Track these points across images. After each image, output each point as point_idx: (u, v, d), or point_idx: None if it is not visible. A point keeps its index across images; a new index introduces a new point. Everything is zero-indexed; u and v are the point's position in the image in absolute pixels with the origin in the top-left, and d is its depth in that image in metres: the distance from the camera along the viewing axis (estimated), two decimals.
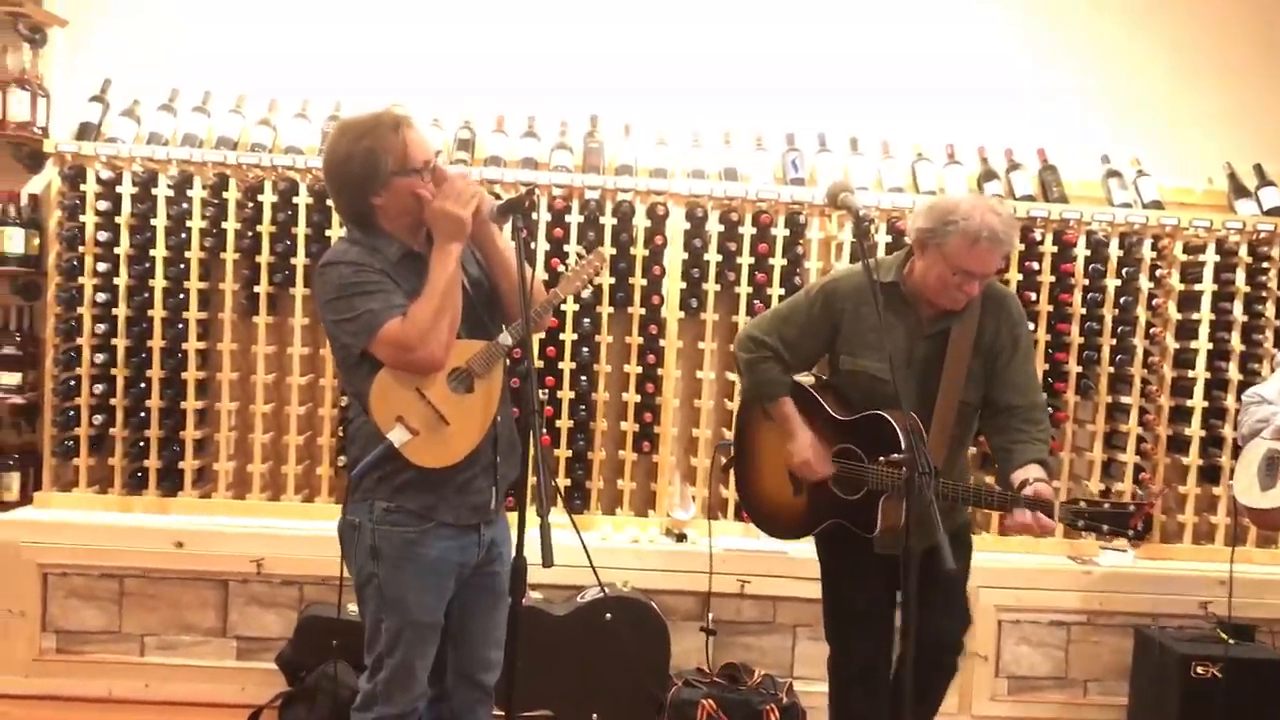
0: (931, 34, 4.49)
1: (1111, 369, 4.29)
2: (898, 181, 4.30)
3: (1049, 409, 4.10)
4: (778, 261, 4.22)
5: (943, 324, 2.97)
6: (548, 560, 2.26)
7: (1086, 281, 4.26)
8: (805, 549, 4.01)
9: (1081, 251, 4.25)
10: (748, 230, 4.22)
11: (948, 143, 4.41)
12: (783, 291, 4.19)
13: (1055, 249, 4.25)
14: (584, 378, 4.21)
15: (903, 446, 2.68)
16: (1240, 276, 4.26)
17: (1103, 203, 4.34)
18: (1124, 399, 4.29)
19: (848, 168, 4.34)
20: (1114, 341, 4.28)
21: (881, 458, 2.84)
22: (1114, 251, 4.26)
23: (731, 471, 3.36)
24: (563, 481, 4.22)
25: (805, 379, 3.15)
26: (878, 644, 3.07)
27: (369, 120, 2.56)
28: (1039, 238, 4.24)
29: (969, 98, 4.47)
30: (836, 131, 4.41)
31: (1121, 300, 4.26)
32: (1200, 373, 4.26)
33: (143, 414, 4.16)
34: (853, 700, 3.15)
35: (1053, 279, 4.25)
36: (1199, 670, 3.78)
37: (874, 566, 2.98)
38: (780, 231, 4.22)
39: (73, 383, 4.15)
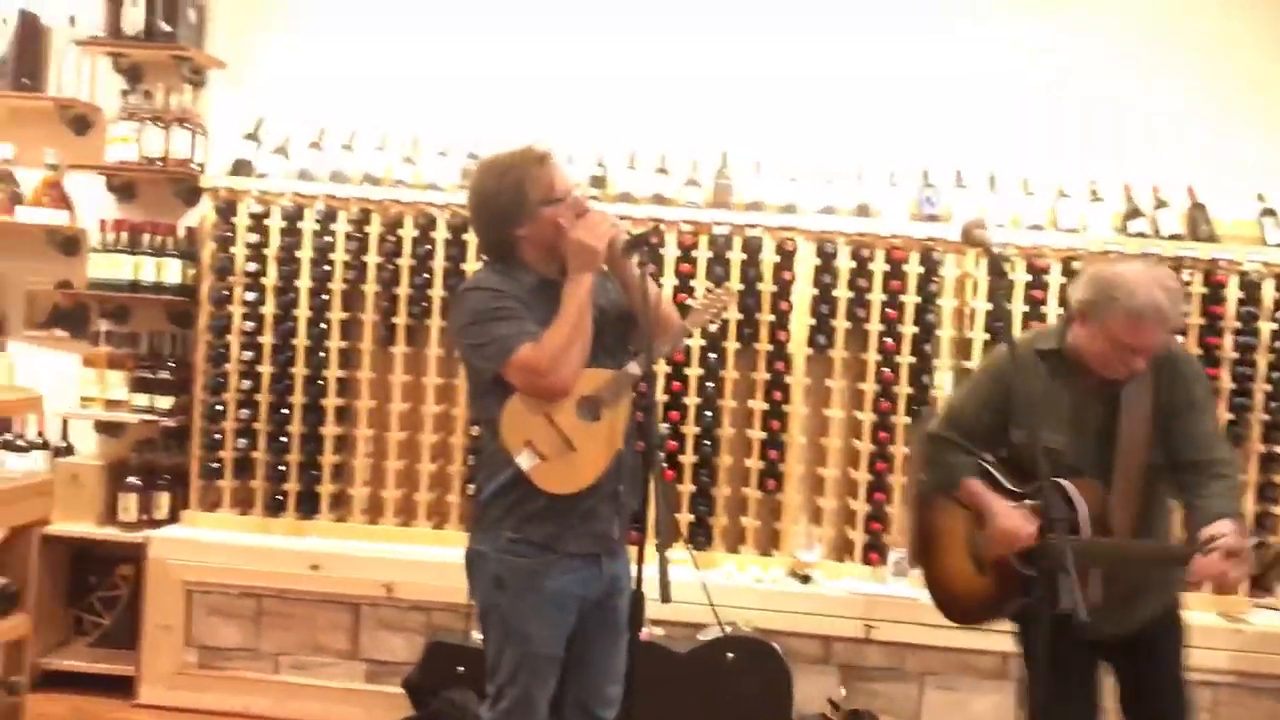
0: (1074, 68, 4.36)
1: (1266, 416, 4.08)
2: (1037, 219, 4.18)
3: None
4: (910, 299, 4.15)
5: (1115, 388, 2.82)
6: (665, 595, 2.26)
7: (1238, 325, 4.06)
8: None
9: (1233, 293, 4.06)
10: (879, 266, 4.16)
11: (1090, 179, 4.27)
12: (916, 330, 4.13)
13: (1205, 290, 4.07)
14: (709, 413, 4.20)
15: (1079, 514, 2.64)
16: None
17: (1257, 242, 4.14)
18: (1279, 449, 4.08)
19: (984, 206, 4.23)
20: (1269, 388, 4.06)
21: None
22: (1269, 293, 4.06)
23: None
24: (686, 517, 4.21)
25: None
26: None
27: (514, 156, 2.66)
28: (1188, 279, 4.06)
29: (1113, 133, 4.34)
30: (973, 168, 4.31)
31: (1277, 344, 4.05)
32: None
33: (284, 439, 4.32)
34: None
35: (1203, 321, 4.07)
36: None
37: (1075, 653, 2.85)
38: (914, 269, 4.15)
39: (220, 407, 4.33)
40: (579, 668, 2.74)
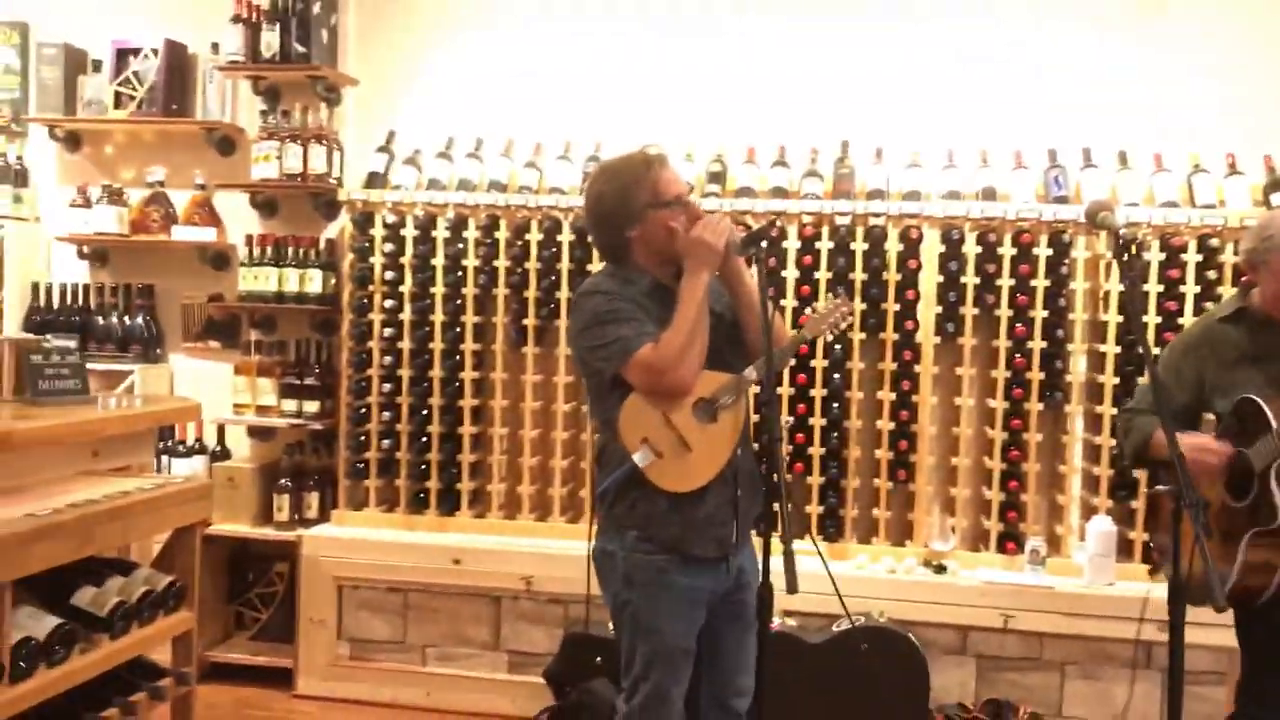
0: (1203, 38, 4.21)
1: None
2: (1171, 195, 4.06)
3: None
4: (1040, 283, 4.08)
5: None
6: (792, 586, 2.30)
7: None
8: (1073, 584, 3.90)
9: None
10: (1007, 251, 4.10)
11: (1228, 151, 4.12)
12: (1046, 314, 4.05)
13: None
14: (836, 405, 4.20)
15: (1266, 409, 2.69)
16: None
17: None
18: None
19: (1116, 184, 4.13)
20: None
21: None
22: None
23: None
24: (815, 509, 4.22)
25: None
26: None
27: (624, 160, 2.74)
28: None
29: (1250, 104, 4.17)
30: (1103, 146, 4.21)
31: None
32: None
33: (425, 439, 4.48)
34: None
35: None
36: None
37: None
38: (1043, 251, 4.08)
39: (364, 410, 4.52)
40: (711, 660, 2.80)
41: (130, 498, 2.63)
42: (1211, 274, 3.98)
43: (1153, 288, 3.97)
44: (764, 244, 2.64)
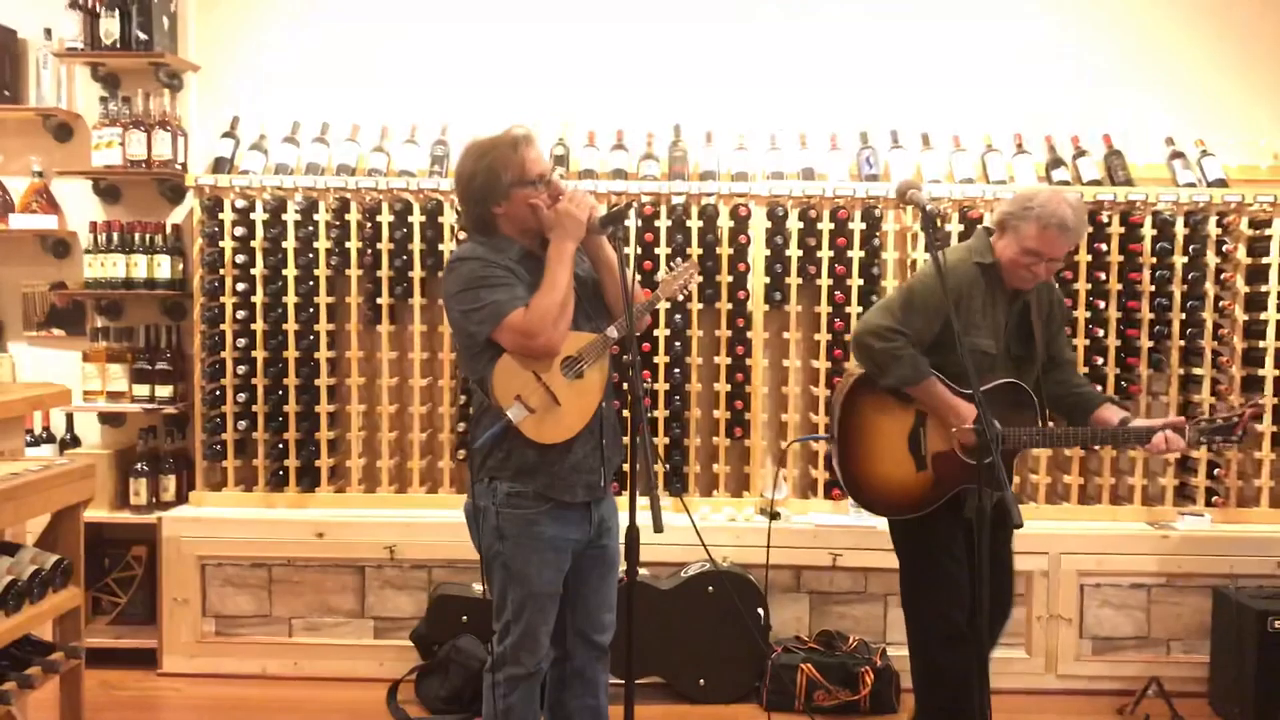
0: (996, 27, 4.72)
1: (1183, 342, 4.48)
2: (968, 173, 4.55)
3: (1122, 383, 4.40)
4: (856, 254, 4.49)
5: (1023, 297, 3.35)
6: (659, 526, 2.58)
7: (1154, 260, 4.46)
8: None
9: (1148, 231, 4.45)
10: (826, 226, 4.50)
11: (1015, 132, 4.64)
12: (862, 282, 4.47)
13: (1123, 230, 4.46)
14: (678, 370, 4.53)
15: (1037, 406, 3.25)
16: None
17: (1168, 184, 4.53)
18: (1196, 370, 4.48)
19: (920, 162, 4.59)
20: (1184, 316, 4.47)
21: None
22: (1180, 230, 4.45)
23: (834, 463, 3.45)
24: (661, 467, 4.55)
25: None
26: (965, 603, 3.36)
27: (492, 140, 2.92)
28: (1106, 220, 4.44)
29: (1035, 88, 4.71)
30: (908, 128, 4.66)
31: (1190, 276, 4.45)
32: (1271, 342, 4.43)
33: (281, 419, 4.60)
34: (948, 657, 3.38)
35: (1121, 258, 4.46)
36: (1276, 625, 3.96)
37: (959, 534, 3.32)
38: (857, 226, 4.49)
39: (218, 393, 4.60)
40: (576, 601, 3.05)
41: (20, 479, 2.72)
42: None
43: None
44: (620, 223, 2.91)
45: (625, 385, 3.00)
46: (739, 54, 4.72)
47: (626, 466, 4.26)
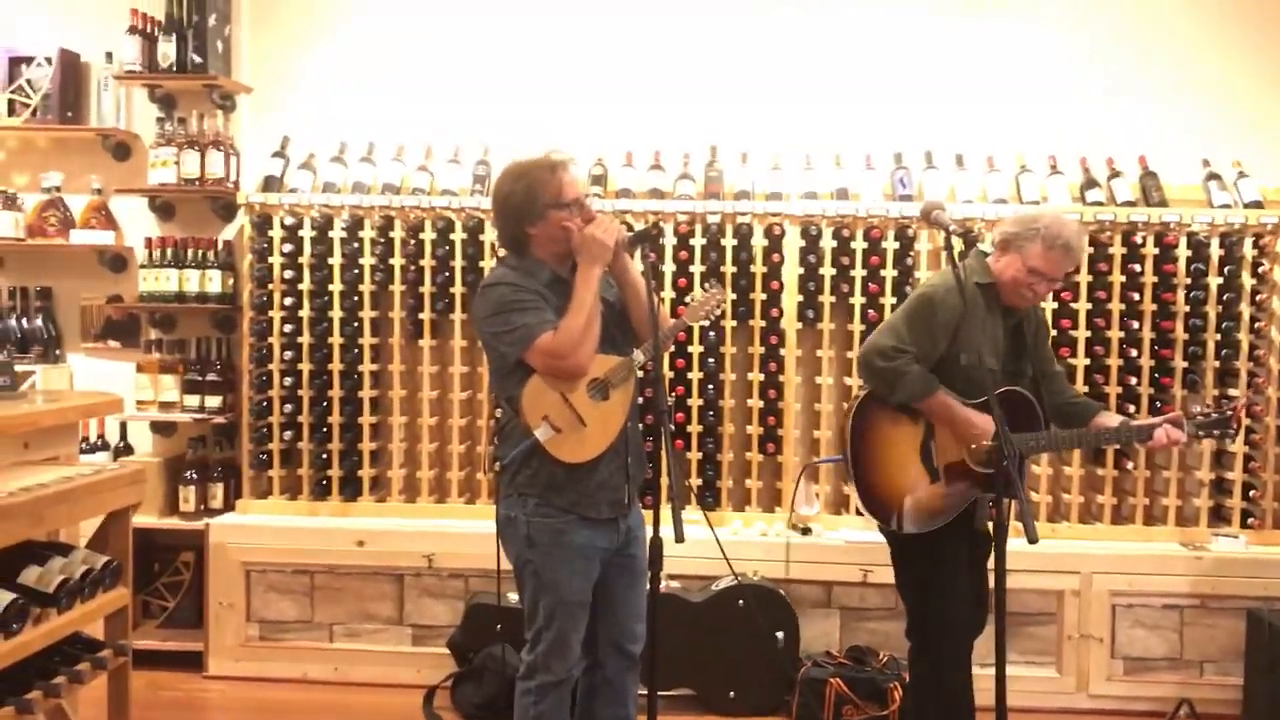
0: (1031, 48, 4.76)
1: (1218, 363, 4.48)
2: (1002, 193, 4.58)
3: (1156, 403, 4.41)
4: (889, 273, 4.55)
5: (1017, 315, 3.42)
6: (680, 536, 2.65)
7: (1189, 281, 4.46)
8: None
9: (1183, 252, 4.46)
10: (860, 245, 4.56)
11: (1049, 154, 4.67)
12: (894, 300, 4.52)
13: (1157, 251, 4.47)
14: (711, 386, 4.61)
15: (1040, 412, 3.31)
16: None
17: (1203, 205, 4.53)
18: (1231, 391, 4.47)
19: (954, 183, 4.64)
20: (1218, 337, 4.47)
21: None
22: (1215, 251, 4.45)
23: (855, 486, 3.50)
24: (694, 481, 4.62)
25: None
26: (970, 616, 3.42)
27: (530, 163, 3.03)
28: (1140, 241, 4.46)
29: (1070, 110, 4.73)
30: (943, 148, 4.71)
31: (1225, 297, 4.45)
32: None
33: (325, 429, 4.73)
34: (956, 679, 3.41)
35: (1155, 279, 4.47)
36: None
37: (965, 549, 3.38)
38: (890, 245, 4.55)
39: (265, 404, 4.74)
40: (606, 610, 3.14)
41: (74, 482, 2.86)
42: None
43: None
44: (648, 243, 3.00)
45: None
46: (775, 76, 4.79)
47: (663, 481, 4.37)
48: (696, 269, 4.57)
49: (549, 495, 2.99)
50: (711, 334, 4.59)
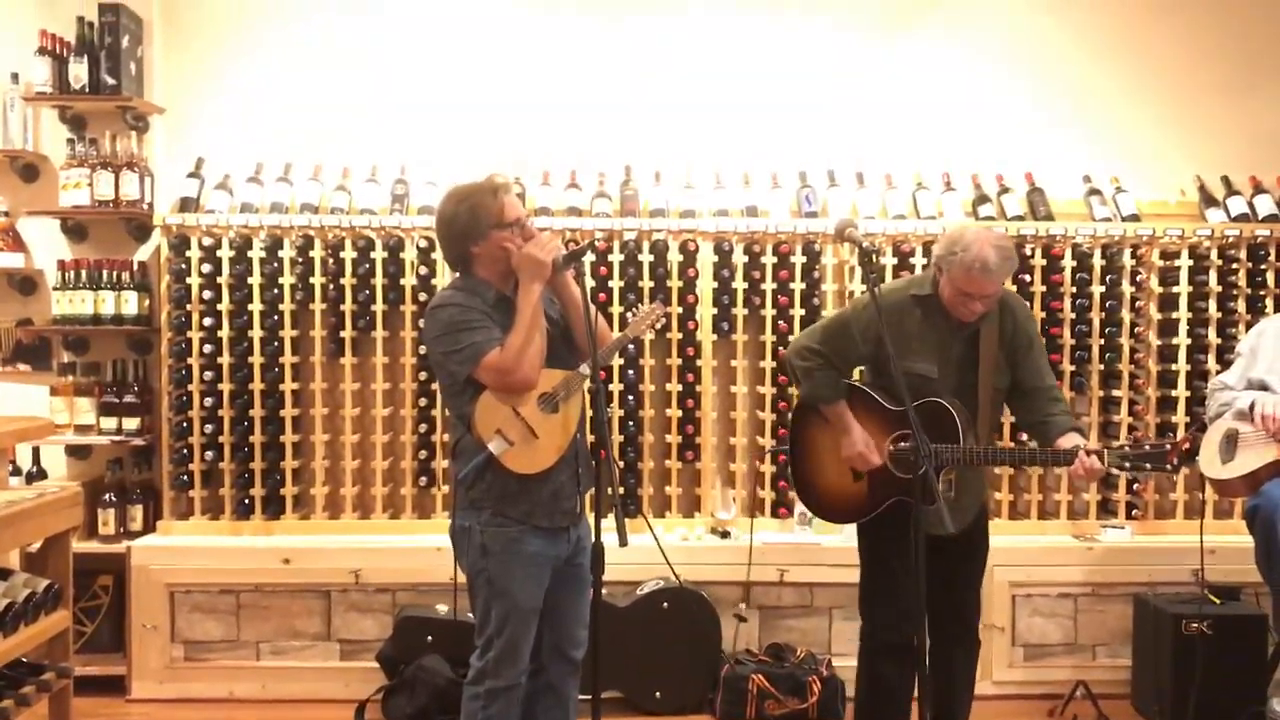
0: (929, 73, 5.03)
1: (1102, 366, 4.80)
2: (900, 209, 4.84)
3: None
4: (797, 286, 4.75)
5: (972, 327, 3.49)
6: (623, 540, 2.79)
7: (1074, 289, 4.77)
8: (835, 540, 4.58)
9: (1068, 263, 4.77)
10: (769, 260, 4.76)
11: (944, 171, 4.94)
12: (803, 312, 4.73)
13: (1044, 262, 4.77)
14: (631, 397, 4.76)
15: (959, 424, 3.36)
16: (1213, 278, 4.76)
17: (1086, 218, 4.86)
18: (1115, 392, 4.80)
19: (855, 200, 4.88)
20: (1103, 341, 4.79)
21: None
22: (1097, 262, 4.78)
23: (789, 471, 3.77)
24: (617, 490, 4.75)
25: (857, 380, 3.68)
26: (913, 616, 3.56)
27: (474, 186, 3.15)
28: (1029, 253, 4.75)
29: (962, 130, 5.01)
30: (844, 167, 4.94)
31: (1107, 304, 4.77)
32: (1182, 365, 4.76)
33: (247, 449, 4.74)
34: (884, 666, 3.60)
35: (1044, 288, 4.77)
36: (1191, 628, 4.25)
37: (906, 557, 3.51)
38: (798, 259, 4.75)
39: (185, 424, 4.73)
40: (552, 617, 3.23)
41: (17, 506, 2.87)
42: None
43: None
44: (584, 259, 3.14)
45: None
46: (685, 97, 4.96)
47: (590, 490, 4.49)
48: (615, 284, 4.71)
49: (503, 506, 3.09)
50: (631, 348, 4.73)
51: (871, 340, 3.46)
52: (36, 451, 4.81)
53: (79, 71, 4.65)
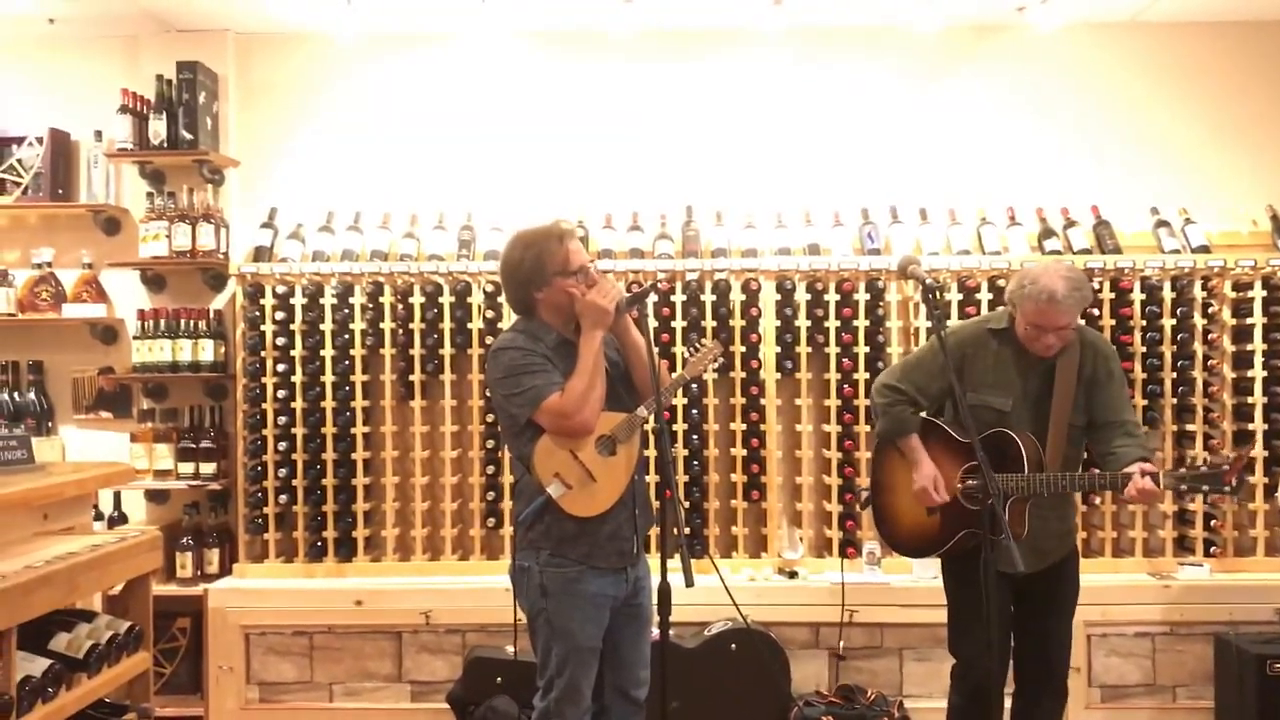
0: (992, 108, 5.04)
1: (1174, 400, 4.72)
2: (965, 245, 4.82)
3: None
4: (861, 323, 4.75)
5: (1049, 361, 3.49)
6: (689, 580, 2.80)
7: (1144, 323, 4.71)
8: (905, 579, 4.54)
9: (1137, 296, 4.71)
10: (832, 297, 4.76)
11: (1008, 206, 4.92)
12: (868, 349, 4.72)
13: (1113, 295, 4.72)
14: (695, 437, 4.77)
15: (1023, 451, 3.34)
16: None
17: (1154, 250, 4.80)
18: (1189, 426, 4.71)
19: (919, 236, 4.87)
20: (1175, 375, 4.71)
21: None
22: (1168, 294, 4.71)
23: (870, 508, 3.77)
24: (682, 529, 4.76)
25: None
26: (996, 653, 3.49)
27: (539, 232, 3.20)
28: (1097, 286, 4.70)
29: (1027, 164, 5.01)
30: (907, 203, 4.95)
31: (1179, 338, 4.70)
32: (1258, 398, 4.66)
33: (319, 492, 4.84)
34: (962, 699, 3.59)
35: (1113, 322, 4.71)
36: (1276, 668, 4.14)
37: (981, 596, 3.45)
38: (862, 296, 4.75)
39: (260, 469, 4.84)
40: (613, 657, 3.25)
41: (102, 550, 2.95)
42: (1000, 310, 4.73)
43: (955, 322, 4.69)
44: (647, 300, 3.17)
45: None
46: (746, 137, 5.03)
47: (655, 530, 4.51)
48: (678, 324, 4.75)
49: (562, 547, 3.12)
50: (694, 387, 4.76)
51: (949, 375, 3.41)
52: (118, 496, 4.94)
53: (158, 128, 4.82)
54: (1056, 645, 3.61)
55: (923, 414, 3.61)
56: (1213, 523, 4.69)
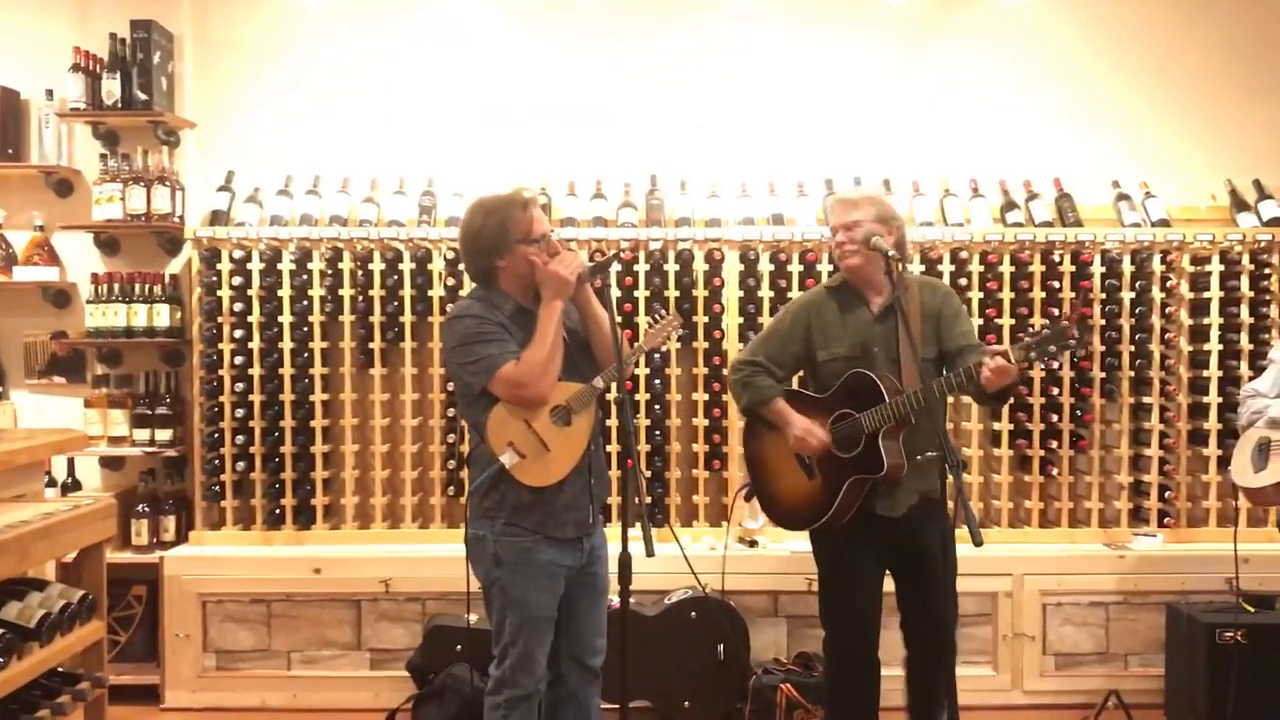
0: (954, 79, 5.03)
1: (1132, 373, 4.76)
2: (928, 216, 4.82)
3: (1076, 411, 4.64)
4: None
5: (888, 306, 3.49)
6: (650, 550, 2.81)
7: (1104, 296, 4.74)
8: None
9: (1097, 269, 4.74)
10: (795, 268, 4.76)
11: (971, 178, 4.93)
12: None
13: (1073, 268, 4.74)
14: (658, 407, 4.77)
15: (880, 384, 3.38)
16: (1245, 283, 4.72)
17: (1114, 224, 4.82)
18: (1146, 399, 4.76)
19: None
20: (1133, 348, 4.75)
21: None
22: (1127, 267, 4.74)
23: (756, 498, 3.78)
24: (644, 499, 4.76)
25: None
26: (867, 626, 3.57)
27: (501, 199, 3.16)
28: (1058, 259, 4.73)
29: (990, 136, 5.01)
30: (870, 174, 4.94)
31: (1137, 311, 4.74)
32: (1214, 371, 4.72)
33: (278, 459, 4.79)
34: (848, 679, 3.62)
35: (1073, 295, 4.74)
36: (1226, 637, 4.20)
37: (864, 555, 3.54)
38: (825, 268, 4.75)
39: (216, 435, 4.78)
40: (569, 626, 3.26)
41: (54, 518, 2.91)
42: (962, 281, 4.75)
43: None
44: (609, 270, 3.15)
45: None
46: (711, 106, 5.00)
47: (613, 499, 4.50)
48: (641, 294, 4.72)
49: (516, 516, 3.11)
50: (656, 357, 4.74)
51: (799, 340, 3.58)
52: (71, 463, 4.87)
53: (111, 87, 4.72)
54: (940, 598, 3.38)
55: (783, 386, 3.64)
56: (1167, 494, 4.76)
